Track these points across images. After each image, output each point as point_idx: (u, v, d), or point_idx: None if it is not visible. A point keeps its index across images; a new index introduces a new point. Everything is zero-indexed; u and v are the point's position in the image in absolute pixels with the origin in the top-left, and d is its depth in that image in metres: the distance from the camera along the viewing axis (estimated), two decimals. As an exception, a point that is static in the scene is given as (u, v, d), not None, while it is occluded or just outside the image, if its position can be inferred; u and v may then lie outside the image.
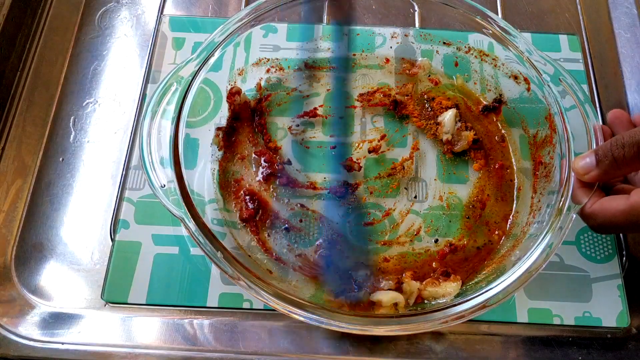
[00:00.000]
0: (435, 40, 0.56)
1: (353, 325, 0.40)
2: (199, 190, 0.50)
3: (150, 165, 0.44)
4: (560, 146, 0.46)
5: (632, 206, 0.39)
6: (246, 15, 0.51)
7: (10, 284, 0.48)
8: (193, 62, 0.48)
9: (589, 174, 0.41)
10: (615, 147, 0.40)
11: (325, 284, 0.46)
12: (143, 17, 0.62)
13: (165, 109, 0.46)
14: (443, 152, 0.53)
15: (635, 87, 0.58)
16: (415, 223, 0.50)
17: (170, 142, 0.45)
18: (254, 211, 0.49)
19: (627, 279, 0.48)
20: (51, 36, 0.60)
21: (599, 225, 0.41)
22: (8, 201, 0.51)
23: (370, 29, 0.58)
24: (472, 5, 0.51)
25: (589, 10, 0.63)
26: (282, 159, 0.52)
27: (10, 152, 0.54)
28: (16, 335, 0.46)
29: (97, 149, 0.54)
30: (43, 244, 0.50)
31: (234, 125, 0.53)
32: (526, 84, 0.51)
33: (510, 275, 0.41)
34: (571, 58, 0.58)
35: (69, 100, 0.56)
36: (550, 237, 0.42)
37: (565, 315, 0.46)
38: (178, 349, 0.45)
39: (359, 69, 0.57)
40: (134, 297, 0.46)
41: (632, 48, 0.60)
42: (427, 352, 0.45)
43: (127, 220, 0.49)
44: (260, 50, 0.57)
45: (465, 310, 0.40)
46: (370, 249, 0.48)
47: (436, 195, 0.51)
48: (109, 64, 0.59)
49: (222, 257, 0.41)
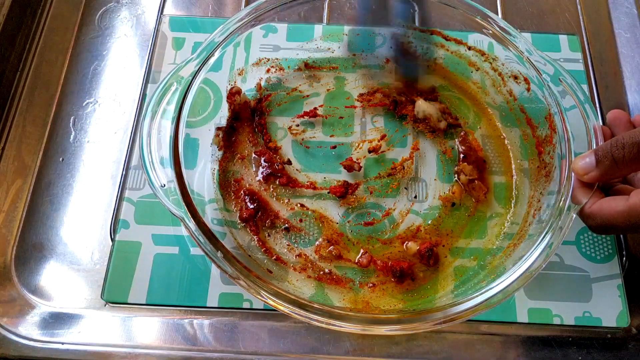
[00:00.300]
0: (435, 40, 0.56)
1: (353, 325, 0.40)
2: (199, 190, 0.50)
3: (150, 165, 0.44)
4: (560, 146, 0.46)
5: (630, 207, 0.39)
6: (246, 15, 0.51)
7: (10, 284, 0.48)
8: (193, 62, 0.48)
9: (588, 174, 0.41)
10: (615, 147, 0.40)
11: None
12: (143, 17, 0.62)
13: (165, 109, 0.46)
14: (443, 151, 0.53)
15: (635, 87, 0.58)
16: (415, 223, 0.50)
17: (170, 142, 0.45)
18: (254, 211, 0.49)
19: (627, 279, 0.48)
20: (51, 36, 0.60)
21: (597, 225, 0.41)
22: (8, 201, 0.51)
23: (370, 29, 0.58)
24: (472, 5, 0.51)
25: (589, 10, 0.63)
26: (282, 159, 0.52)
27: (10, 152, 0.54)
28: (16, 335, 0.46)
29: (97, 149, 0.54)
30: (43, 244, 0.50)
31: (234, 125, 0.53)
32: (526, 84, 0.51)
33: (510, 275, 0.41)
34: (571, 58, 0.58)
35: (69, 100, 0.56)
36: (550, 237, 0.42)
37: (565, 315, 0.46)
38: (178, 349, 0.45)
39: (359, 69, 0.57)
40: (134, 297, 0.46)
41: (632, 48, 0.60)
42: (427, 352, 0.45)
43: (127, 220, 0.49)
44: (260, 50, 0.57)
45: (465, 310, 0.40)
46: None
47: (436, 195, 0.51)
48: (109, 64, 0.59)
49: (222, 257, 0.41)
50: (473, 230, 0.49)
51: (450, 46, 0.55)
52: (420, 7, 0.55)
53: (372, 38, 0.58)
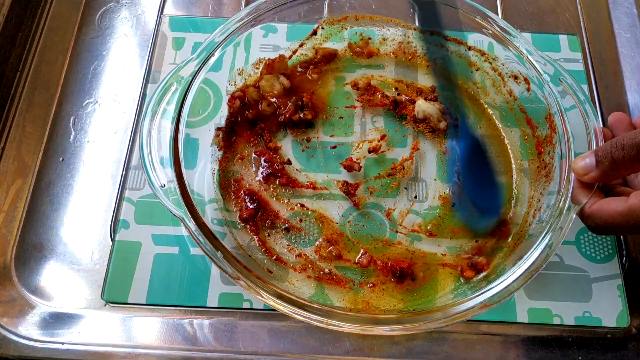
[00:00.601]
0: (435, 41, 0.56)
1: (353, 325, 0.40)
2: (199, 190, 0.50)
3: (150, 165, 0.44)
4: (560, 146, 0.46)
5: (630, 208, 0.39)
6: (246, 15, 0.51)
7: (10, 284, 0.48)
8: (193, 62, 0.48)
9: (588, 174, 0.42)
10: (615, 148, 0.40)
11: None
12: (143, 17, 0.62)
13: (165, 109, 0.46)
14: (443, 152, 0.53)
15: (635, 87, 0.58)
16: (415, 223, 0.50)
17: (170, 142, 0.45)
18: (254, 211, 0.49)
19: (627, 279, 0.48)
20: (51, 36, 0.60)
21: (597, 226, 0.41)
22: (8, 201, 0.51)
23: (370, 29, 0.58)
24: (472, 5, 0.51)
25: (589, 10, 0.63)
26: (282, 159, 0.52)
27: (10, 152, 0.54)
28: (16, 335, 0.46)
29: (97, 149, 0.54)
30: (43, 244, 0.50)
31: (233, 127, 0.53)
32: (526, 84, 0.51)
33: (510, 275, 0.41)
34: (571, 58, 0.58)
35: (69, 100, 0.56)
36: (550, 237, 0.42)
37: (565, 315, 0.46)
38: (178, 349, 0.45)
39: (359, 69, 0.57)
40: (134, 297, 0.46)
41: (632, 48, 0.60)
42: (427, 352, 0.45)
43: (127, 220, 0.49)
44: (260, 50, 0.57)
45: (465, 310, 0.40)
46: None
47: (436, 195, 0.51)
48: (109, 64, 0.59)
49: (222, 257, 0.41)
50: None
51: (450, 46, 0.55)
52: (420, 7, 0.55)
53: (372, 38, 0.57)
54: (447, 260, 0.48)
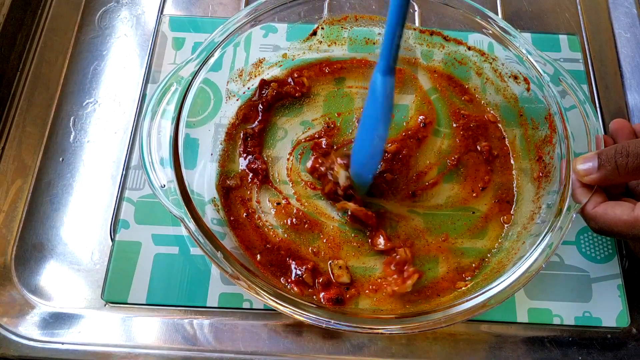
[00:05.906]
0: (435, 41, 0.56)
1: (353, 325, 0.40)
2: (198, 191, 0.50)
3: (150, 165, 0.44)
4: (560, 146, 0.46)
5: (636, 219, 0.39)
6: (246, 15, 0.51)
7: (10, 284, 0.48)
8: (193, 62, 0.48)
9: (589, 176, 0.42)
10: (619, 154, 0.40)
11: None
12: (143, 17, 0.62)
13: (165, 109, 0.46)
14: (443, 151, 0.53)
15: (635, 87, 0.58)
16: (415, 223, 0.50)
17: (170, 142, 0.45)
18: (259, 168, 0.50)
19: (627, 279, 0.48)
20: (51, 36, 0.60)
21: (599, 228, 0.42)
22: (8, 201, 0.51)
23: (370, 29, 0.58)
24: (472, 5, 0.51)
25: (589, 10, 0.63)
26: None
27: (10, 152, 0.54)
28: (16, 335, 0.46)
29: (97, 149, 0.54)
30: (43, 244, 0.50)
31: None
32: (526, 84, 0.51)
33: (510, 275, 0.41)
34: (571, 58, 0.58)
35: (69, 100, 0.56)
36: (550, 237, 0.42)
37: (565, 315, 0.46)
38: (178, 349, 0.45)
39: (359, 69, 0.57)
40: (134, 297, 0.46)
41: (632, 48, 0.60)
42: (427, 352, 0.45)
43: (127, 220, 0.49)
44: (260, 50, 0.57)
45: (465, 310, 0.40)
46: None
47: (436, 195, 0.51)
48: (109, 64, 0.59)
49: (222, 257, 0.41)
50: (473, 230, 0.49)
51: (450, 46, 0.55)
52: (420, 7, 0.55)
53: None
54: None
